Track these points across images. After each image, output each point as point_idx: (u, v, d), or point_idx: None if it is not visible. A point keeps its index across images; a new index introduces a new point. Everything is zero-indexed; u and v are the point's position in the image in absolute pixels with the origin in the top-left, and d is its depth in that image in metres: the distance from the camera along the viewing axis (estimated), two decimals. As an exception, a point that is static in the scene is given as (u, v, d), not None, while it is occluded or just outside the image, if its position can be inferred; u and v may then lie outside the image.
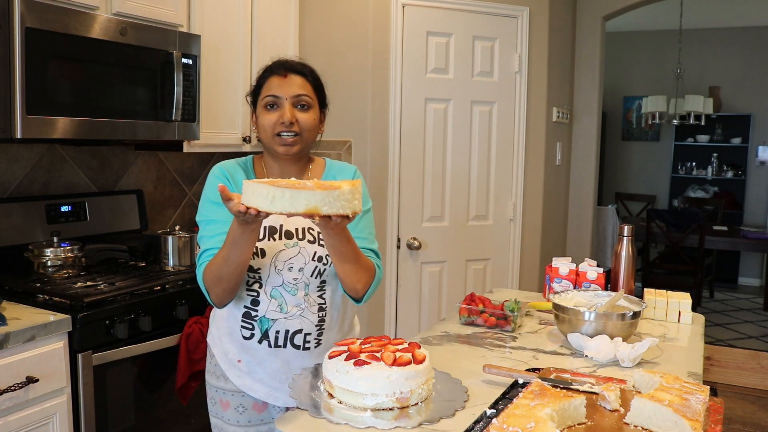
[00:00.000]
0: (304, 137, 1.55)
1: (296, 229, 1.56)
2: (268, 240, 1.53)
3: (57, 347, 1.83)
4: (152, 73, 2.30)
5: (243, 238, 1.36)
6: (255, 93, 1.60)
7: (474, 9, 3.42)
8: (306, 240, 1.55)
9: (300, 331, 1.56)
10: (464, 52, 3.42)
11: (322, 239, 1.55)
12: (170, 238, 2.40)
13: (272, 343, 1.57)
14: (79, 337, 1.88)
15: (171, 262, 2.40)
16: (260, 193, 1.18)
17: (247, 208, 1.22)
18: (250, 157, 1.66)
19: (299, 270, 1.53)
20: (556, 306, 1.76)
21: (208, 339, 1.70)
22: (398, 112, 3.30)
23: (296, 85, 1.55)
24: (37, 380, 1.75)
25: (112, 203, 2.65)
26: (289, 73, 1.56)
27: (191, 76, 2.43)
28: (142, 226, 2.76)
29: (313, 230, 1.57)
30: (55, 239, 2.22)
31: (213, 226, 1.51)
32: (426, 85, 3.35)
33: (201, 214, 1.56)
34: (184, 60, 2.38)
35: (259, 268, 1.52)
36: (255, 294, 1.55)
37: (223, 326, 1.63)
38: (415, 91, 3.33)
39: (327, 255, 1.54)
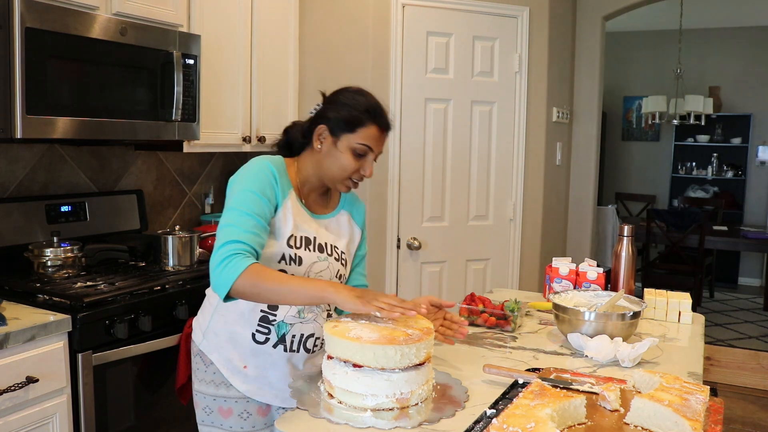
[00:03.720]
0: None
1: (326, 244, 1.61)
2: (305, 249, 1.56)
3: (57, 347, 1.83)
4: (152, 73, 2.30)
5: (320, 301, 1.38)
6: (344, 124, 1.54)
7: (474, 9, 3.42)
8: (333, 257, 1.62)
9: (312, 335, 1.61)
10: (464, 52, 3.42)
11: (344, 257, 1.66)
12: (170, 238, 2.40)
13: (288, 347, 1.58)
14: (79, 337, 1.87)
15: (171, 262, 2.40)
16: (388, 355, 1.21)
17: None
18: (281, 159, 1.60)
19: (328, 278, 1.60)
20: (556, 306, 1.76)
21: (201, 347, 1.64)
22: (398, 112, 3.30)
23: (384, 142, 1.61)
24: (37, 380, 1.75)
25: (112, 203, 2.65)
26: (386, 130, 1.59)
27: (191, 76, 2.43)
28: (142, 226, 2.76)
29: (338, 248, 1.64)
30: (55, 239, 2.22)
31: (249, 220, 1.45)
32: (426, 85, 3.35)
33: (238, 202, 1.47)
34: (184, 60, 2.38)
35: (292, 275, 1.51)
36: None
37: (224, 334, 1.61)
38: (415, 91, 3.33)
39: (344, 275, 1.66)
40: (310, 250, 1.57)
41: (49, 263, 2.17)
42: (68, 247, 2.22)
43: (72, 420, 1.89)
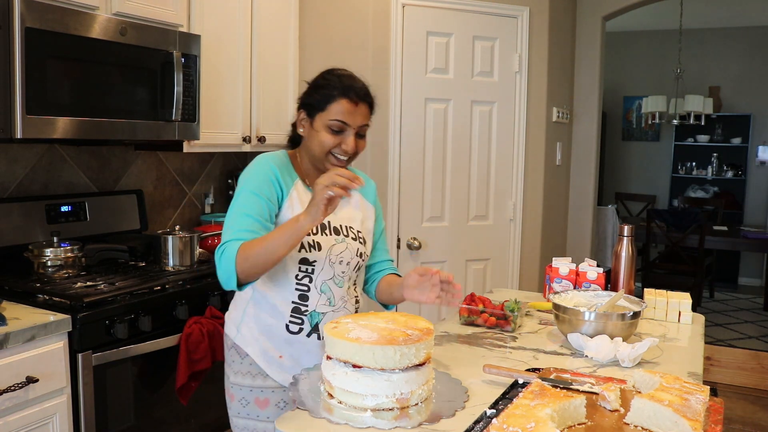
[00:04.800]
0: (351, 159, 1.63)
1: (341, 226, 1.65)
2: (321, 235, 1.60)
3: (57, 347, 1.83)
4: (152, 73, 2.30)
5: (298, 236, 1.41)
6: (316, 104, 1.58)
7: (474, 9, 3.42)
8: (350, 237, 1.65)
9: None
10: (464, 52, 3.42)
11: (361, 236, 1.68)
12: (170, 238, 2.40)
13: (321, 335, 1.60)
14: (79, 337, 1.87)
15: (171, 262, 2.40)
16: (388, 355, 1.21)
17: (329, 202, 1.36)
18: (284, 153, 1.67)
19: (347, 264, 1.63)
20: (556, 306, 1.76)
21: (236, 341, 1.66)
22: (398, 112, 3.30)
23: (362, 115, 1.59)
24: (37, 380, 1.75)
25: (112, 203, 2.65)
26: (360, 102, 1.58)
27: (191, 76, 2.43)
28: (142, 226, 2.76)
29: (353, 228, 1.68)
30: (55, 239, 2.22)
31: (246, 219, 1.52)
32: (426, 85, 3.35)
33: (238, 205, 1.55)
34: (184, 60, 2.38)
35: (314, 261, 1.58)
36: (305, 289, 1.59)
37: (257, 326, 1.63)
38: (415, 91, 3.33)
39: (365, 252, 1.68)
40: (327, 234, 1.61)
41: (49, 263, 2.17)
42: (68, 247, 2.22)
43: (72, 420, 1.89)
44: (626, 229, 2.09)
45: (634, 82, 7.53)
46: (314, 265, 1.59)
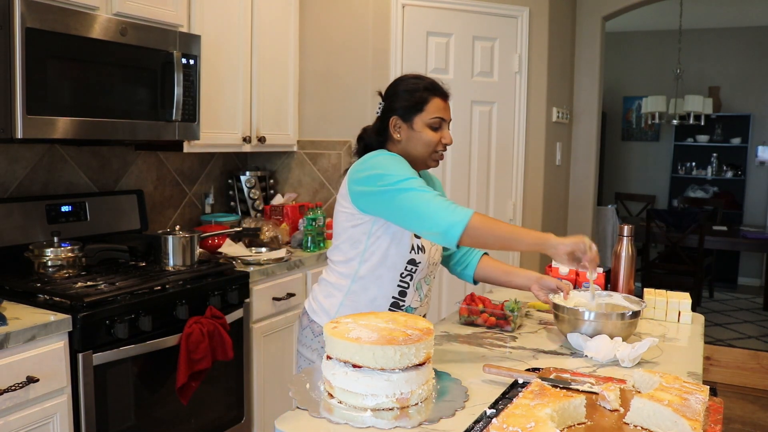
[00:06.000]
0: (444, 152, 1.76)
1: None
2: (422, 239, 1.69)
3: (57, 347, 1.83)
4: (152, 73, 2.30)
5: (538, 246, 1.57)
6: (413, 107, 1.68)
7: (474, 9, 3.42)
8: None
9: (425, 315, 1.81)
10: (464, 52, 3.42)
11: None
12: (170, 238, 2.40)
13: None
14: (79, 337, 1.88)
15: (171, 262, 2.40)
16: (388, 355, 1.21)
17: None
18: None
19: (436, 264, 1.79)
20: (556, 306, 1.76)
21: (320, 322, 1.75)
22: (398, 112, 3.29)
23: (450, 110, 1.74)
24: (38, 380, 1.75)
25: (112, 203, 2.65)
26: (448, 98, 1.73)
27: (191, 76, 2.43)
28: (143, 226, 2.76)
29: None
30: (56, 239, 2.22)
31: (415, 180, 1.57)
32: (426, 85, 3.35)
33: (395, 169, 1.59)
34: (184, 60, 2.38)
35: (419, 262, 1.70)
36: (405, 286, 1.71)
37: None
38: (415, 91, 3.33)
39: (442, 252, 1.83)
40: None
41: (49, 263, 2.18)
42: (68, 247, 2.22)
43: (72, 420, 1.89)
44: (626, 229, 2.09)
45: (634, 82, 7.53)
46: (418, 266, 1.70)
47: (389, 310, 1.70)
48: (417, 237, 1.68)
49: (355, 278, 1.71)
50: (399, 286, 1.70)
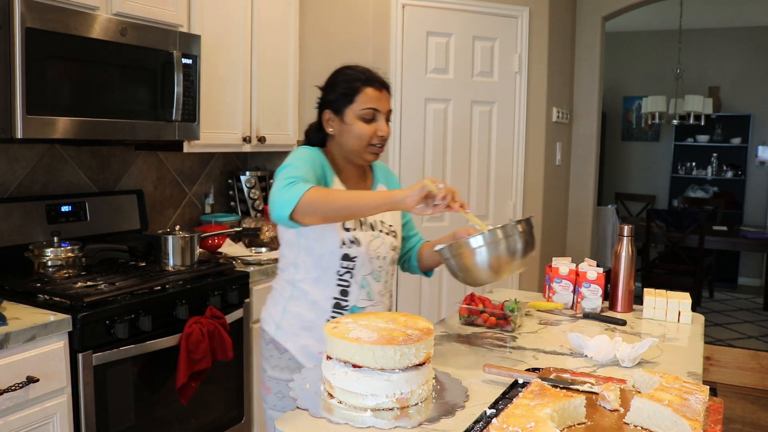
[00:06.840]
0: (383, 145, 1.70)
1: (375, 221, 1.68)
2: (360, 230, 1.64)
3: (57, 347, 1.83)
4: (152, 73, 2.30)
5: (388, 205, 1.45)
6: (343, 99, 1.62)
7: (474, 9, 3.42)
8: (384, 231, 1.70)
9: None
10: (464, 52, 3.42)
11: (393, 230, 1.73)
12: (170, 238, 2.40)
13: None
14: (79, 337, 1.88)
15: (171, 262, 2.40)
16: (388, 355, 1.21)
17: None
18: (319, 150, 1.69)
19: (383, 258, 1.69)
20: (441, 251, 1.51)
21: (275, 337, 1.69)
22: (398, 112, 3.30)
23: (387, 100, 1.67)
24: (38, 380, 1.75)
25: (112, 203, 2.65)
26: (383, 88, 1.66)
27: (191, 76, 2.43)
28: (142, 226, 2.76)
29: (386, 223, 1.72)
30: (56, 239, 2.22)
31: (305, 165, 1.56)
32: (426, 85, 3.35)
33: (294, 165, 1.55)
34: (184, 60, 2.38)
35: (355, 257, 1.63)
36: (346, 284, 1.64)
37: (298, 323, 1.66)
38: (415, 91, 3.33)
39: (397, 246, 1.74)
40: (364, 230, 1.65)
41: (49, 263, 2.18)
42: (68, 247, 2.22)
43: (72, 420, 1.89)
44: (626, 229, 2.09)
45: (634, 82, 7.54)
46: (355, 261, 1.63)
47: (332, 311, 1.64)
48: (346, 230, 1.61)
49: (294, 283, 1.68)
50: (339, 285, 1.64)
